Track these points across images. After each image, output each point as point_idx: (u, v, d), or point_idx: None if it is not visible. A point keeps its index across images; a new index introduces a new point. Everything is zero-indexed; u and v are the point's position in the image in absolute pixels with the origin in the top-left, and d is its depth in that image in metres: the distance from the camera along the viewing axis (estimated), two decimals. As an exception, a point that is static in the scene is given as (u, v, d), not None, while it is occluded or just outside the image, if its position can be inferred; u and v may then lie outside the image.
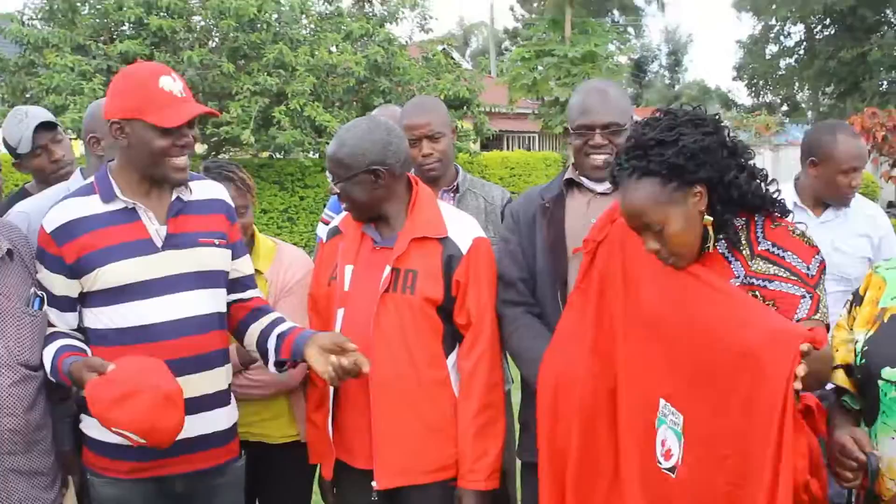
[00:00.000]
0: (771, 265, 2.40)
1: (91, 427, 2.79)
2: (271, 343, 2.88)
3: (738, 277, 2.42)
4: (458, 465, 2.92)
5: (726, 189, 2.40)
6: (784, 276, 2.38)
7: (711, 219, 2.41)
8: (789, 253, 2.40)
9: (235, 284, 2.97)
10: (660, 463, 2.44)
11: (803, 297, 2.34)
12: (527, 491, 3.16)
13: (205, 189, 2.92)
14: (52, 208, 2.77)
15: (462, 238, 2.97)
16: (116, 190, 2.74)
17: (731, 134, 2.50)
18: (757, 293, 2.38)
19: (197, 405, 2.73)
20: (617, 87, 3.22)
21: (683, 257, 2.43)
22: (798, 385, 2.07)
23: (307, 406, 3.16)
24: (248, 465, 3.04)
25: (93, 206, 2.74)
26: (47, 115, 3.83)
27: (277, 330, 2.90)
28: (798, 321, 2.32)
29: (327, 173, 2.97)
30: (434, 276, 2.91)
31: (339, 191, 2.92)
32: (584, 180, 3.11)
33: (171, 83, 2.69)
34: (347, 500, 3.04)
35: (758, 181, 2.46)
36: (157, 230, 2.75)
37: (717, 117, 2.49)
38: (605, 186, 3.03)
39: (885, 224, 4.02)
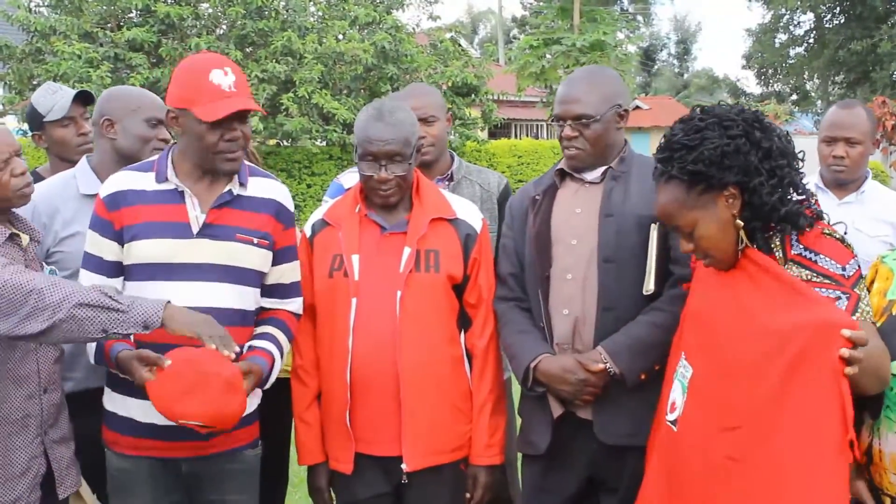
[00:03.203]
0: (804, 270, 2.31)
1: (108, 401, 2.85)
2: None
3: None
4: (473, 443, 2.96)
5: (751, 195, 2.31)
6: (818, 280, 2.29)
7: (742, 223, 2.33)
8: (822, 256, 2.31)
9: (274, 290, 2.96)
10: (666, 414, 2.48)
11: (838, 298, 2.26)
12: (528, 481, 3.14)
13: (263, 187, 2.92)
14: (111, 177, 2.84)
15: (473, 218, 3.03)
16: (170, 172, 2.79)
17: (777, 134, 2.37)
18: None
19: None
20: (602, 74, 3.06)
21: (718, 260, 2.39)
22: (850, 371, 2.03)
23: (295, 405, 3.08)
24: None
25: (146, 182, 2.80)
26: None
27: (250, 342, 2.88)
28: None
29: (364, 162, 2.89)
30: (455, 255, 2.95)
31: (394, 174, 2.86)
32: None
33: (222, 77, 2.71)
34: (359, 492, 2.99)
35: (785, 191, 2.33)
36: (196, 216, 2.77)
37: (756, 116, 2.38)
38: (595, 175, 2.98)
39: None
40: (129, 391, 2.76)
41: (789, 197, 2.34)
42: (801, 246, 2.34)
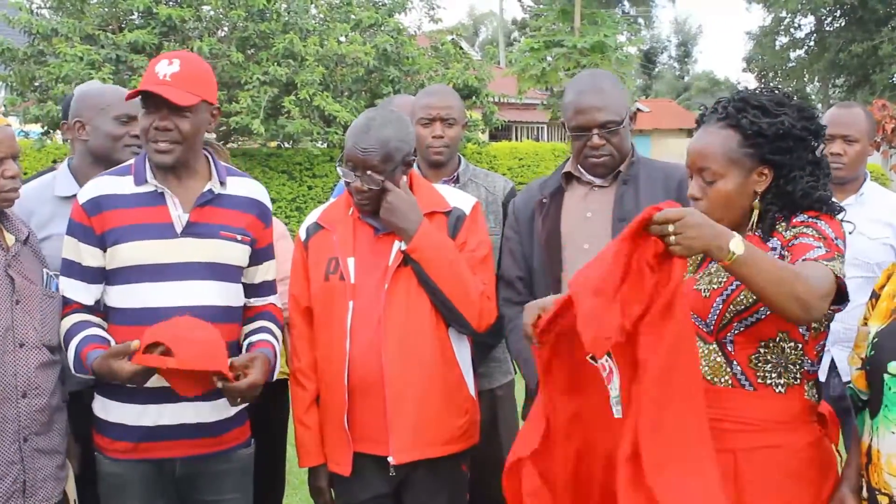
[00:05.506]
0: (804, 228, 2.38)
1: (98, 408, 2.86)
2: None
3: (775, 249, 2.40)
4: None
5: (787, 182, 2.39)
6: (810, 233, 2.35)
7: (759, 205, 2.41)
8: (822, 222, 2.39)
9: (261, 288, 3.01)
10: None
11: (819, 247, 2.31)
12: None
13: (243, 187, 2.95)
14: (88, 183, 2.85)
15: (465, 204, 3.03)
16: (149, 174, 2.80)
17: (825, 155, 2.50)
18: (786, 254, 2.36)
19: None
20: (609, 78, 3.10)
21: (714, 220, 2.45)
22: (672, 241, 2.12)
23: (295, 408, 3.10)
24: None
25: (125, 185, 2.81)
26: None
27: (249, 339, 2.95)
28: (804, 259, 2.27)
29: (343, 168, 2.91)
30: None
31: (368, 185, 2.87)
32: (584, 173, 3.06)
33: (165, 66, 2.73)
34: (359, 494, 2.99)
35: (818, 192, 2.44)
36: (179, 216, 2.79)
37: (823, 130, 2.48)
38: (604, 179, 3.00)
39: None
40: (119, 396, 2.77)
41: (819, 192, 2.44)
42: (806, 216, 2.41)
